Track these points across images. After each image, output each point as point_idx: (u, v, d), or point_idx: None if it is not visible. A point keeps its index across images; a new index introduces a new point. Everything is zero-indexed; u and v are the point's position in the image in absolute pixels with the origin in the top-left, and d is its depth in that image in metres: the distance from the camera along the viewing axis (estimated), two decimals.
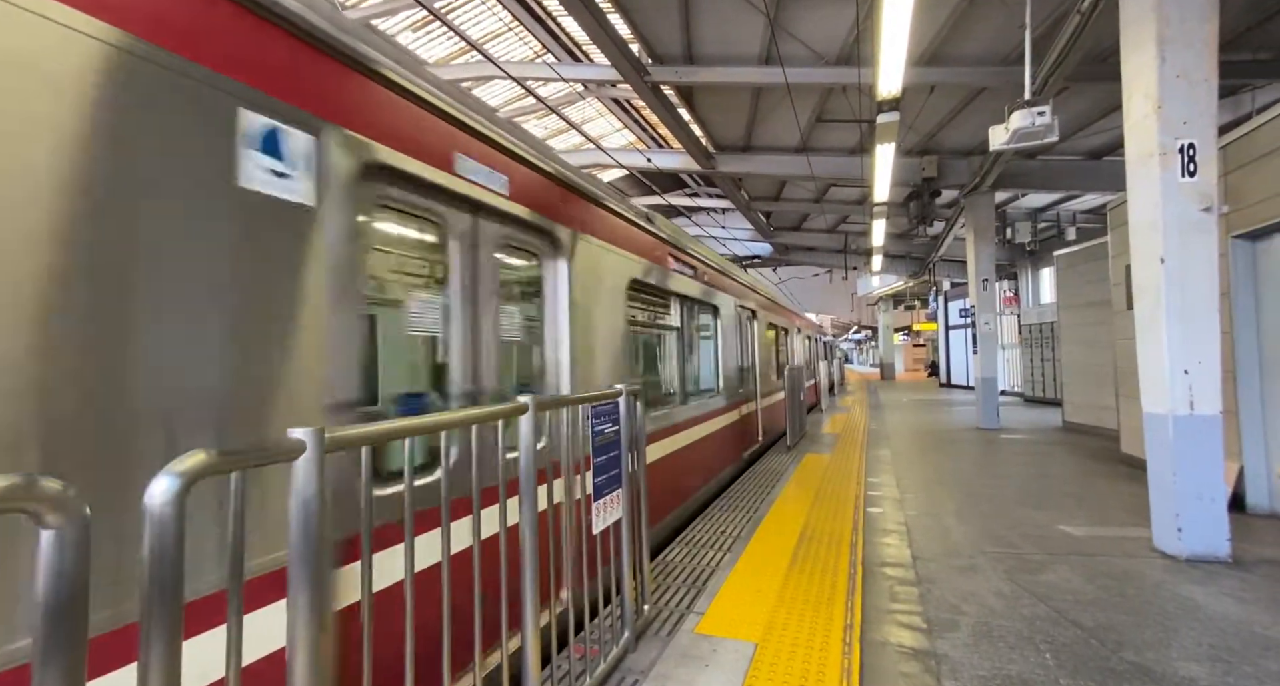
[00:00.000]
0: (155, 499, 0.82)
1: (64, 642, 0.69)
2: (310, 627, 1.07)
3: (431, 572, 1.92)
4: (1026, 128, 5.01)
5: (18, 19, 1.10)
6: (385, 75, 1.94)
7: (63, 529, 0.69)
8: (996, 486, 5.78)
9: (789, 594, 3.17)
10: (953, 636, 2.72)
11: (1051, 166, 10.57)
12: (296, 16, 1.63)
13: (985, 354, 10.36)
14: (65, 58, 1.16)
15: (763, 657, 2.51)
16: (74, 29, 1.18)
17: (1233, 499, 4.57)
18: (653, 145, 14.59)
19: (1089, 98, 8.41)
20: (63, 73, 1.16)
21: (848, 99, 8.59)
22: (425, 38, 11.10)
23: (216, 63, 1.43)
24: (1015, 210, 15.55)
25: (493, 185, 2.48)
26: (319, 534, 1.10)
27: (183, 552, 0.84)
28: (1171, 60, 3.69)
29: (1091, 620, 2.87)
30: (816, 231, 19.48)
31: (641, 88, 7.90)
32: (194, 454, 0.88)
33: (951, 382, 22.57)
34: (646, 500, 2.88)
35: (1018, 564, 3.64)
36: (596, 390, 2.54)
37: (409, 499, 1.43)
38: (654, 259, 4.35)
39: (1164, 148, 3.72)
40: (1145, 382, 3.94)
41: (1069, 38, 5.36)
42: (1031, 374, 15.29)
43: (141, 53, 1.28)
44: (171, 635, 0.82)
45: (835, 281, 23.66)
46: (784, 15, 6.79)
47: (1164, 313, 3.74)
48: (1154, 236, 3.79)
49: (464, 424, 1.66)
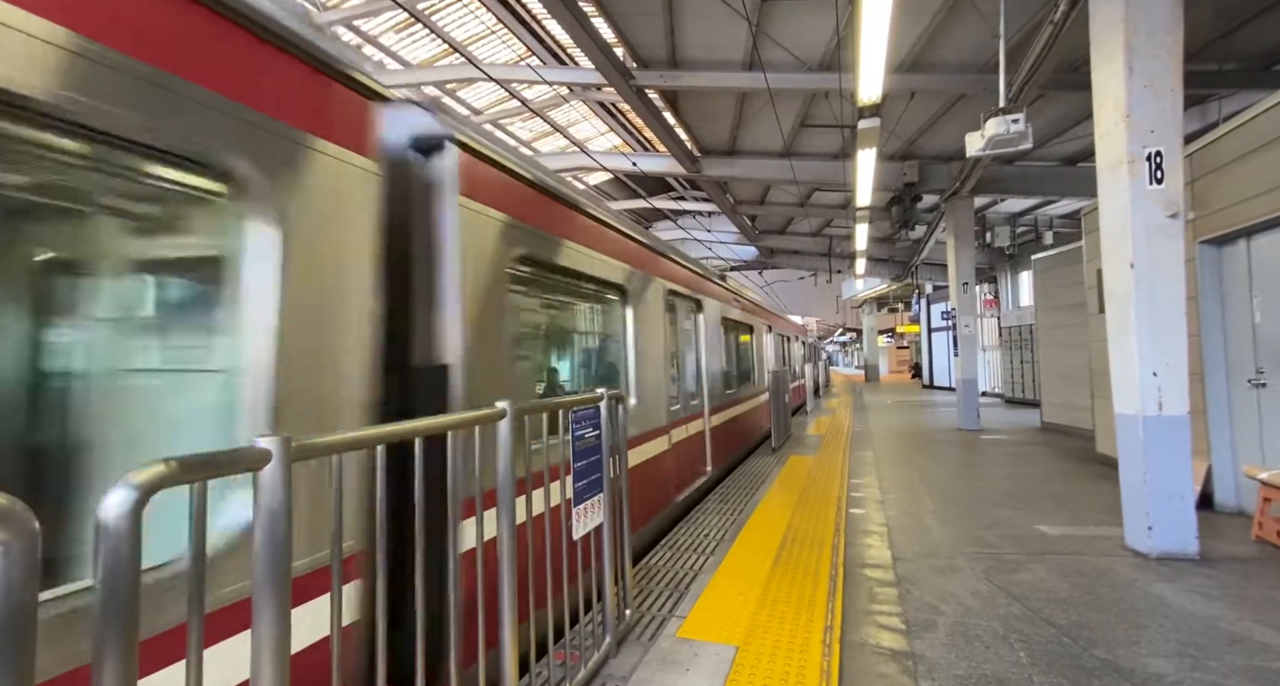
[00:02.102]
0: (110, 512, 0.79)
1: (12, 656, 0.67)
2: (278, 645, 1.04)
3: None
4: (1001, 135, 5.11)
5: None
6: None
7: (9, 543, 0.67)
8: (976, 487, 5.86)
9: (771, 596, 3.19)
10: (930, 636, 2.76)
11: (1029, 172, 10.78)
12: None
13: (966, 356, 10.53)
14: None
15: (744, 660, 2.52)
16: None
17: (1201, 497, 4.70)
18: (638, 148, 14.63)
19: (1063, 105, 8.60)
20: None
21: (830, 104, 8.69)
22: (408, 40, 11.02)
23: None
24: (995, 214, 15.83)
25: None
26: (286, 548, 1.07)
27: (139, 569, 0.81)
28: (1139, 70, 3.79)
29: (1065, 618, 2.92)
30: (801, 235, 19.66)
31: (626, 92, 7.92)
32: (153, 464, 0.86)
33: (934, 384, 22.86)
34: (629, 505, 2.87)
35: (995, 564, 3.70)
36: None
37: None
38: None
39: (1132, 156, 3.82)
40: (1116, 384, 4.03)
41: (1042, 47, 5.48)
42: (1011, 375, 15.55)
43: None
44: (127, 659, 0.78)
45: (820, 284, 23.87)
46: (766, 22, 6.85)
47: (1134, 316, 3.83)
48: (1123, 242, 3.88)
49: (440, 430, 1.64)
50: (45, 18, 1.19)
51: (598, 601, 2.66)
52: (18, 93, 1.15)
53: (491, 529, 2.05)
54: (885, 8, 4.42)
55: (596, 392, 2.61)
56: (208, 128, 1.47)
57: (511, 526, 1.91)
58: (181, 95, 1.41)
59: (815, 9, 6.50)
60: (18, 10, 1.15)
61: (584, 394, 2.55)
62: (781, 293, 26.25)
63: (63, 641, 1.13)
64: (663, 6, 6.67)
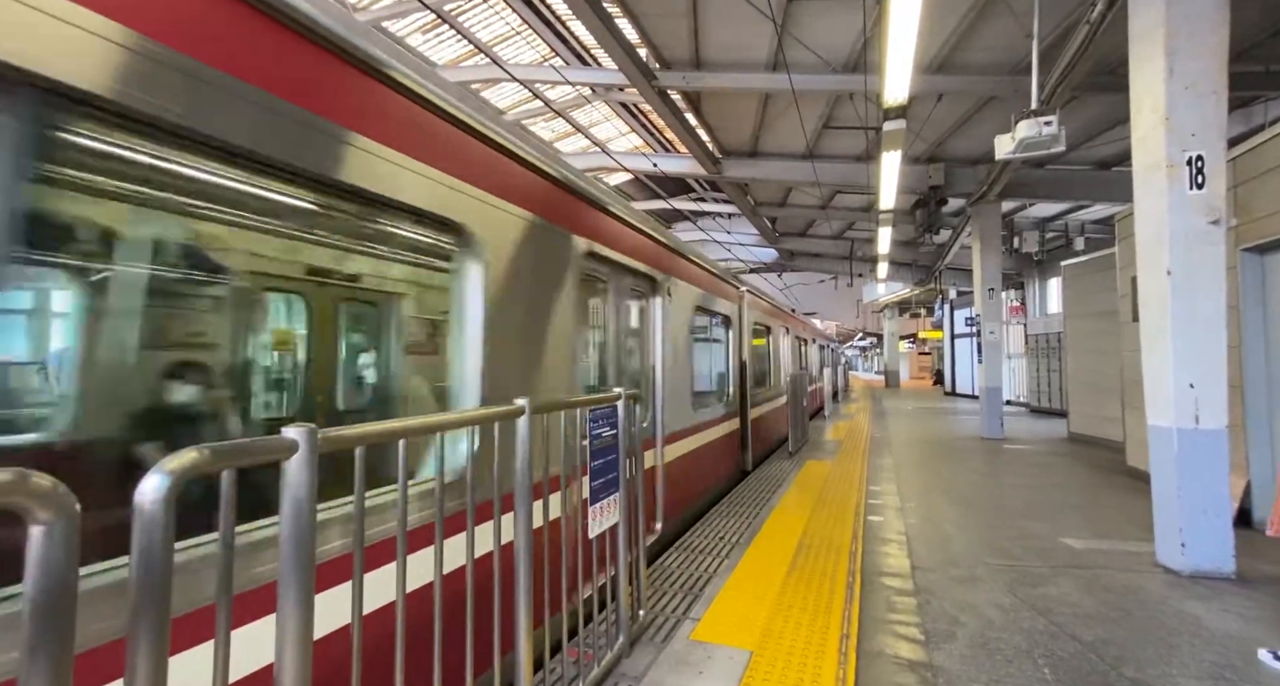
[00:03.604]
0: (145, 497, 0.81)
1: (52, 636, 0.69)
2: (301, 630, 1.06)
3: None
4: (1033, 137, 4.99)
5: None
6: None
7: (52, 524, 0.69)
8: (999, 497, 5.73)
9: (786, 601, 3.15)
10: (950, 648, 2.70)
11: (1060, 176, 10.51)
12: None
13: (990, 363, 10.30)
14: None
15: (758, 665, 2.50)
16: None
17: (1239, 514, 4.52)
18: (659, 149, 14.62)
19: (1098, 108, 8.36)
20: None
21: (854, 106, 8.58)
22: (435, 40, 11.18)
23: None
24: (1023, 219, 15.47)
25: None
26: (311, 536, 1.09)
27: (172, 553, 0.83)
28: (1180, 72, 3.67)
29: (1091, 634, 2.83)
30: (822, 237, 19.45)
31: (649, 93, 7.92)
32: (186, 452, 0.88)
33: (956, 391, 22.43)
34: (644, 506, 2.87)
35: (1018, 576, 3.61)
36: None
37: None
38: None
39: (1171, 160, 3.70)
40: (1150, 395, 3.90)
41: (1077, 48, 5.34)
42: (1037, 384, 15.18)
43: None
44: (159, 641, 0.80)
45: (840, 288, 23.58)
46: (792, 22, 6.80)
47: (1169, 325, 3.71)
48: (1160, 248, 3.76)
49: (462, 425, 1.66)
50: (423, 161, 2.08)
51: (611, 601, 2.66)
52: (397, 200, 1.97)
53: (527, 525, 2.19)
54: (914, 7, 4.34)
55: (614, 392, 2.61)
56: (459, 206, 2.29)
57: (528, 522, 1.92)
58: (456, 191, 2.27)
59: (842, 9, 6.43)
60: (418, 163, 2.05)
61: (601, 393, 2.56)
62: (801, 295, 25.99)
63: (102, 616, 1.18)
64: (687, 7, 6.66)
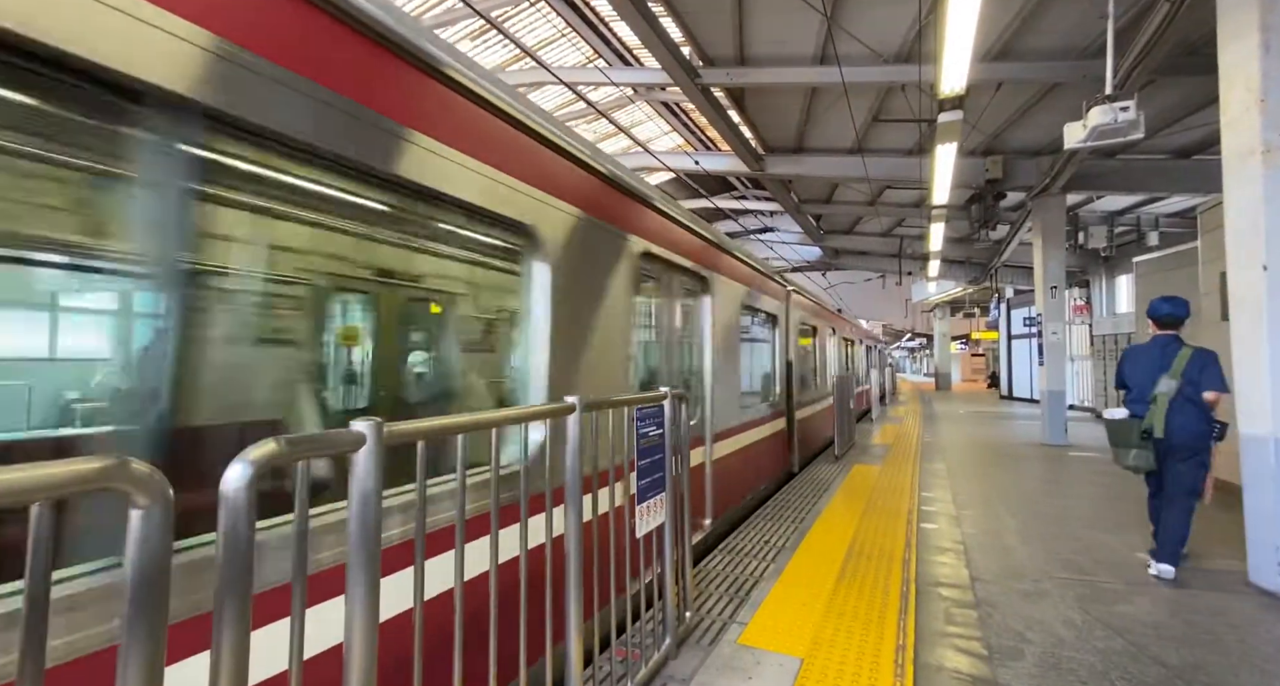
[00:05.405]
0: (230, 484, 0.86)
1: (149, 613, 0.74)
2: (368, 612, 1.10)
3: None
4: (1108, 124, 4.67)
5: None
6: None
7: (150, 508, 0.73)
8: (1064, 507, 5.40)
9: (837, 609, 3.06)
10: (1017, 666, 2.55)
11: (1133, 166, 9.83)
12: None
13: (1053, 365, 9.74)
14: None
15: (809, 674, 2.43)
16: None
17: None
18: (701, 148, 14.52)
19: (1176, 92, 7.77)
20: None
21: (906, 98, 8.27)
22: (482, 45, 11.47)
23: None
24: (1089, 214, 14.53)
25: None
26: (377, 525, 1.13)
27: (253, 537, 0.88)
28: (1277, 48, 3.36)
29: (1177, 658, 2.63)
30: (870, 235, 18.87)
31: (692, 90, 7.87)
32: (265, 443, 0.92)
33: (1014, 395, 21.35)
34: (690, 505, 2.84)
35: (1089, 591, 3.39)
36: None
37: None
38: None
39: (1268, 144, 3.39)
40: (1242, 402, 3.59)
41: (1157, 28, 4.97)
42: (1105, 388, 14.25)
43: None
44: (241, 621, 0.85)
45: (889, 287, 22.79)
46: (841, 13, 6.60)
47: (1265, 325, 3.40)
48: (1255, 241, 3.46)
49: (516, 421, 1.69)
50: (500, 169, 2.22)
51: (657, 600, 2.64)
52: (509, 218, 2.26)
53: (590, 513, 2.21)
54: None
55: (660, 391, 2.59)
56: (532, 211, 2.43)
57: (578, 517, 1.93)
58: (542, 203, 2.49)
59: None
60: (497, 172, 2.20)
61: (649, 392, 2.55)
62: (846, 295, 25.29)
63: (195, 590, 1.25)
64: (733, 3, 6.58)
